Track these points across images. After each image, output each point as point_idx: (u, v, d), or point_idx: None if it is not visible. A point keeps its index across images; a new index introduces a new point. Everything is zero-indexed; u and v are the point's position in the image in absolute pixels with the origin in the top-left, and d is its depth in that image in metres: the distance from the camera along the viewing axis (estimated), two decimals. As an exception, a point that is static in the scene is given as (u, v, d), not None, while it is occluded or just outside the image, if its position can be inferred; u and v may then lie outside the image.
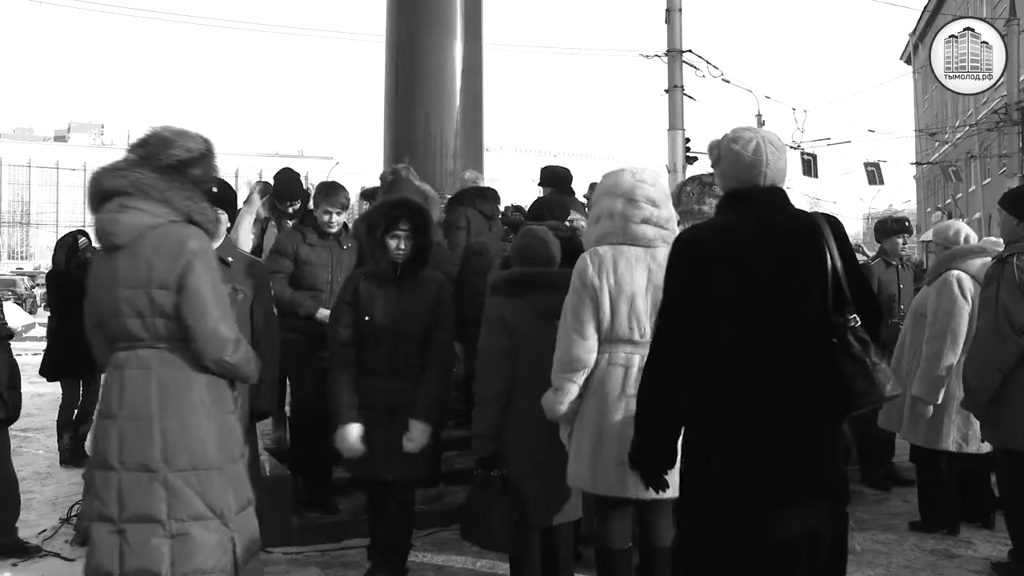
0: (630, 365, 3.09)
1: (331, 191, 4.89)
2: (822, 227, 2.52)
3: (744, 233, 2.50)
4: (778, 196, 2.60)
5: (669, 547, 3.15)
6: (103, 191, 2.66)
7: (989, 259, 4.47)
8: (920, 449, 4.84)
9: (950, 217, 25.72)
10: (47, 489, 5.78)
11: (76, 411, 6.68)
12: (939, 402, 4.60)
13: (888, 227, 6.07)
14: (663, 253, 2.98)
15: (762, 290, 2.45)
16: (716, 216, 2.72)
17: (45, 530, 4.77)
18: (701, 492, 2.48)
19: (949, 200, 33.27)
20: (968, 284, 4.60)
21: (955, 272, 4.65)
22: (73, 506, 5.00)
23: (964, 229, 4.93)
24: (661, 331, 2.52)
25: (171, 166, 2.69)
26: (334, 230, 4.84)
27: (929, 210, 36.74)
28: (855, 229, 66.30)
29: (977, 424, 4.38)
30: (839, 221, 2.63)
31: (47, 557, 4.36)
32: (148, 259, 2.57)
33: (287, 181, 5.79)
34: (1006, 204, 4.20)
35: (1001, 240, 4.59)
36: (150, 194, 2.63)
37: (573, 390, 3.12)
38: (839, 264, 2.49)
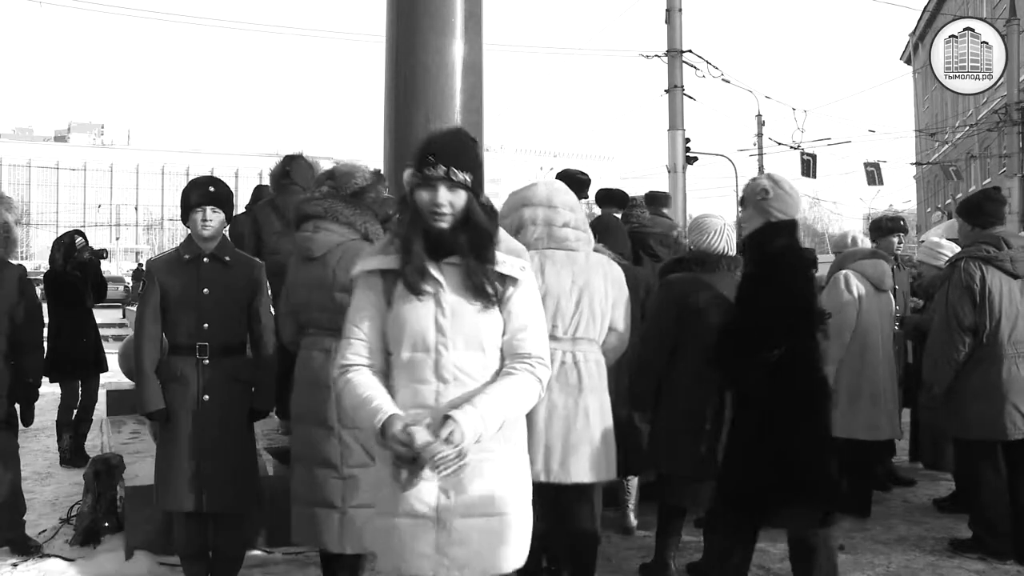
0: (552, 360, 3.26)
1: None
2: None
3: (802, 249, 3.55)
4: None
5: (586, 529, 3.51)
6: (304, 215, 3.44)
7: (878, 259, 5.13)
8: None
9: (950, 217, 25.70)
10: (47, 489, 5.78)
11: (76, 411, 6.69)
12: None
13: (883, 226, 6.07)
14: (583, 257, 3.44)
15: (808, 284, 3.49)
16: (776, 239, 3.51)
17: (45, 530, 4.77)
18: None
19: (949, 200, 33.24)
20: (855, 282, 5.01)
21: (844, 272, 5.07)
22: (73, 506, 4.99)
23: (857, 235, 5.52)
24: (764, 313, 3.41)
25: (353, 194, 3.46)
26: None
27: (929, 210, 36.71)
28: (855, 229, 66.21)
29: (869, 412, 4.93)
30: None
31: (47, 557, 4.36)
32: (334, 268, 3.31)
33: None
34: (962, 211, 4.64)
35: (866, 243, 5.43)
36: (338, 218, 3.40)
37: None
38: None
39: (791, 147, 26.22)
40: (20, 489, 4.54)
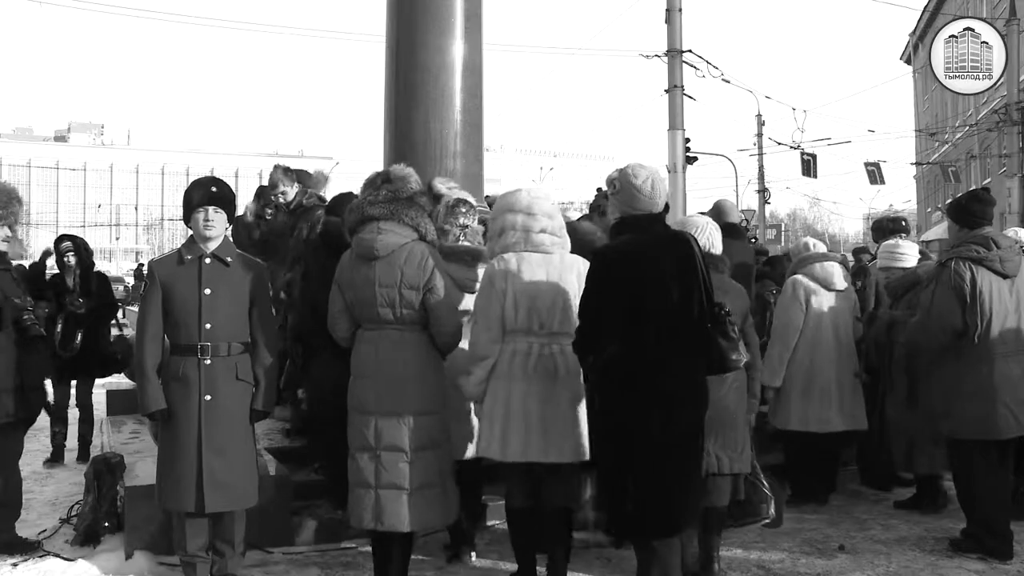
0: (531, 352, 3.62)
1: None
2: (692, 242, 3.39)
3: (642, 247, 3.33)
4: (662, 218, 3.44)
5: (564, 507, 3.73)
6: (367, 217, 3.59)
7: (828, 262, 5.33)
8: (784, 431, 5.35)
9: (950, 217, 25.56)
10: (47, 489, 5.78)
11: (77, 411, 6.68)
12: (778, 385, 5.22)
13: (885, 227, 6.10)
14: (558, 258, 3.71)
15: (657, 288, 3.26)
16: (619, 236, 3.43)
17: (45, 530, 4.77)
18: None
19: (949, 200, 33.18)
20: (804, 285, 5.28)
21: (795, 276, 5.35)
22: (73, 506, 5.00)
23: (811, 241, 5.68)
24: (584, 317, 3.36)
25: (409, 197, 3.65)
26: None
27: (929, 210, 36.71)
28: (855, 229, 66.05)
29: (818, 406, 5.13)
30: (696, 239, 3.51)
31: (47, 557, 4.36)
32: (401, 267, 3.52)
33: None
34: (950, 212, 4.71)
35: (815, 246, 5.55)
36: (402, 219, 3.58)
37: (481, 375, 3.66)
38: (705, 268, 3.36)
39: (791, 147, 26.24)
40: (20, 489, 4.55)
